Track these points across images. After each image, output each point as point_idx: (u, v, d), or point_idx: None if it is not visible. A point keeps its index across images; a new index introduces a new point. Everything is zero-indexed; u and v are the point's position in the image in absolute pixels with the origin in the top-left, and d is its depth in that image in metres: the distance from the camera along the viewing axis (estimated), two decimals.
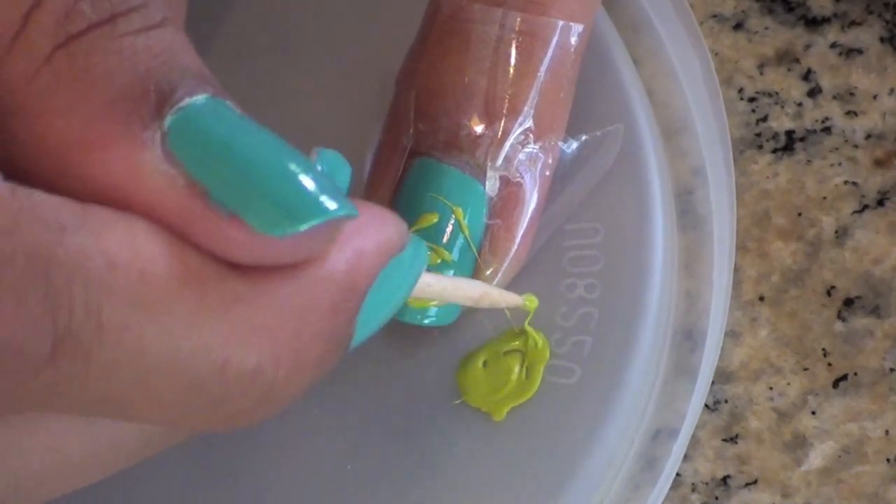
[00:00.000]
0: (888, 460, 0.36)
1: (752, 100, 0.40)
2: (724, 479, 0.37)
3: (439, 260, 0.32)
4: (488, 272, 0.32)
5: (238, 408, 0.23)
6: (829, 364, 0.37)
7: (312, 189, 0.22)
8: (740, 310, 0.38)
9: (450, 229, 0.32)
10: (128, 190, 0.22)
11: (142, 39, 0.22)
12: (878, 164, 0.39)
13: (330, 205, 0.22)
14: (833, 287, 0.38)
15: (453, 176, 0.32)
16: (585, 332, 0.33)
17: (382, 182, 0.33)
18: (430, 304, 0.32)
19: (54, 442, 0.22)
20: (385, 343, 0.33)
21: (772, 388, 0.37)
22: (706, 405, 0.37)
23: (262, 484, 0.33)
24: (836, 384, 0.37)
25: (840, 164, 0.39)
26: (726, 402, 0.37)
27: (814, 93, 0.40)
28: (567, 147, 0.33)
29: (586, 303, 0.33)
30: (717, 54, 0.40)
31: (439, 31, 0.32)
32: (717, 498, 0.37)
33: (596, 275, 0.33)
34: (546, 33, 0.32)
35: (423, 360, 0.33)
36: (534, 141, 0.32)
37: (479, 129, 0.32)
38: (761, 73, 0.40)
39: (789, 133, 0.39)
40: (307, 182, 0.22)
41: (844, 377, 0.37)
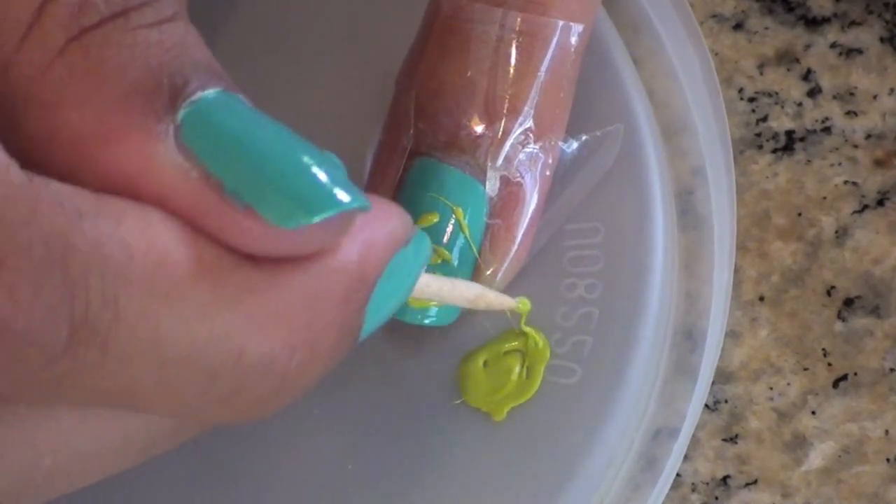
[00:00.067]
0: (888, 460, 0.36)
1: (752, 100, 0.40)
2: (724, 479, 0.37)
3: (440, 260, 0.32)
4: (488, 272, 0.32)
5: (252, 398, 0.23)
6: (829, 364, 0.37)
7: (326, 181, 0.22)
8: (740, 310, 0.38)
9: (450, 229, 0.32)
10: (141, 182, 0.22)
11: (154, 33, 0.22)
12: (878, 164, 0.39)
13: (343, 197, 0.22)
14: (833, 287, 0.38)
15: (453, 176, 0.32)
16: (586, 332, 0.33)
17: (383, 182, 0.33)
18: (430, 304, 0.32)
19: (65, 438, 0.22)
20: (385, 343, 0.33)
21: (772, 388, 0.37)
22: (706, 405, 0.37)
23: (262, 484, 0.33)
24: (836, 384, 0.37)
25: (840, 164, 0.39)
26: (726, 402, 0.37)
27: (814, 93, 0.40)
28: (567, 147, 0.33)
29: (586, 303, 0.33)
30: (717, 54, 0.40)
31: (439, 31, 0.32)
32: (717, 498, 0.37)
33: (596, 275, 0.33)
34: (546, 33, 0.32)
35: (423, 360, 0.33)
36: (534, 141, 0.32)
37: (480, 128, 0.32)
38: (761, 73, 0.40)
39: (789, 133, 0.39)
40: (320, 174, 0.22)
41: (844, 377, 0.37)
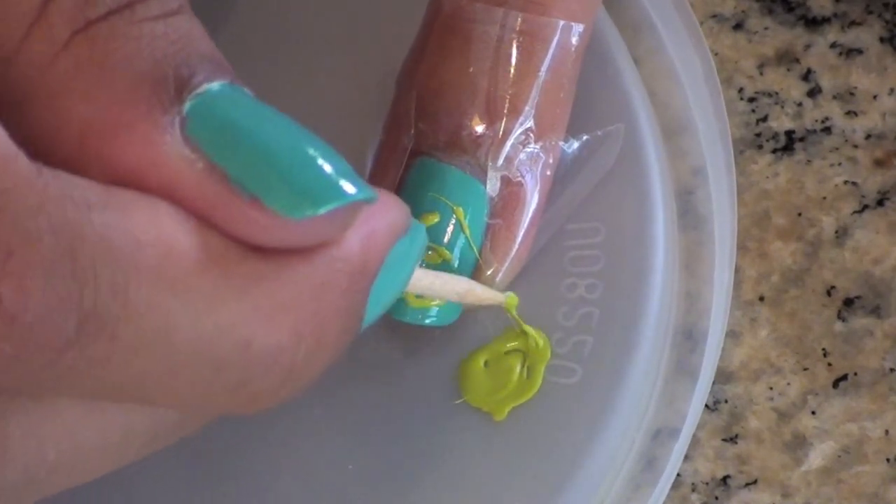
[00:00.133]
0: (888, 460, 0.37)
1: (751, 100, 0.40)
2: (724, 479, 0.37)
3: (440, 259, 0.32)
4: (489, 272, 0.32)
5: (258, 389, 0.23)
6: (829, 364, 0.37)
7: (332, 173, 0.22)
8: (740, 310, 0.38)
9: (451, 229, 0.32)
10: (148, 174, 0.22)
11: (160, 26, 0.22)
12: (878, 164, 0.39)
13: (349, 188, 0.22)
14: (833, 287, 0.38)
15: (454, 176, 0.32)
16: (586, 331, 0.33)
17: (383, 182, 0.33)
18: (430, 304, 0.32)
19: (69, 432, 0.22)
20: (386, 343, 0.33)
21: (772, 388, 0.37)
22: (706, 405, 0.37)
23: (262, 484, 0.33)
24: (836, 384, 0.37)
25: (840, 164, 0.39)
26: (726, 402, 0.37)
27: (814, 93, 0.40)
28: (568, 147, 0.33)
29: (587, 303, 0.33)
30: (717, 54, 0.40)
31: (440, 31, 0.32)
32: (717, 498, 0.37)
33: (597, 274, 0.33)
34: (547, 33, 0.32)
35: (423, 360, 0.33)
36: (535, 141, 0.32)
37: (480, 128, 0.32)
38: (761, 73, 0.40)
39: (789, 133, 0.39)
40: (326, 166, 0.22)
41: (844, 377, 0.37)
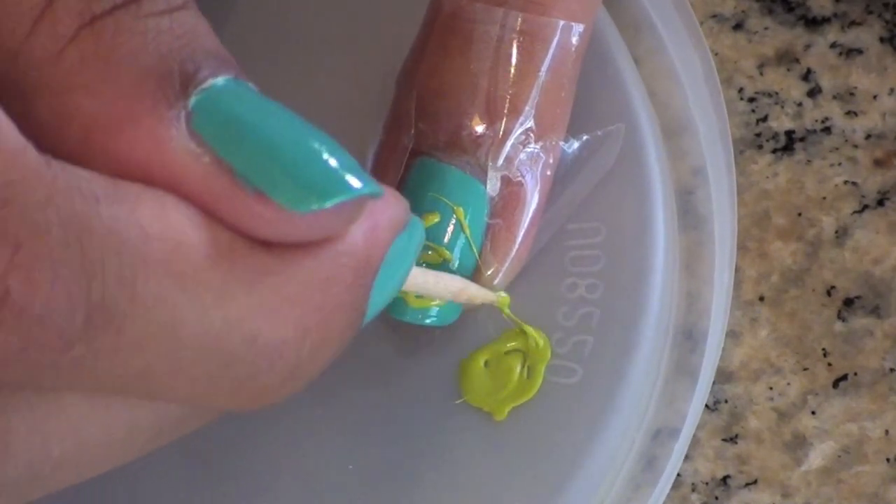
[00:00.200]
0: (888, 460, 0.37)
1: (751, 100, 0.40)
2: (724, 479, 0.37)
3: (440, 259, 0.32)
4: (489, 272, 0.32)
5: (265, 382, 0.23)
6: (829, 364, 0.37)
7: (336, 167, 0.22)
8: (740, 310, 0.38)
9: (451, 229, 0.32)
10: (153, 168, 0.22)
11: (165, 21, 0.22)
12: (878, 164, 0.39)
13: (355, 182, 0.22)
14: (833, 287, 0.38)
15: (454, 176, 0.32)
16: (587, 331, 0.33)
17: (383, 182, 0.32)
18: (431, 304, 0.32)
19: (74, 427, 0.22)
20: (386, 343, 0.33)
21: (772, 388, 0.37)
22: (706, 405, 0.37)
23: (262, 484, 0.33)
24: (836, 384, 0.37)
25: (840, 164, 0.39)
26: (726, 402, 0.37)
27: (814, 93, 0.40)
28: (568, 147, 0.33)
29: (587, 303, 0.33)
30: (717, 54, 0.40)
31: (440, 31, 0.32)
32: (717, 498, 0.37)
33: (597, 274, 0.33)
34: (547, 33, 0.32)
35: (424, 360, 0.33)
36: (535, 140, 0.32)
37: (481, 128, 0.32)
38: (761, 73, 0.40)
39: (789, 133, 0.39)
40: (331, 160, 0.22)
41: (844, 377, 0.37)
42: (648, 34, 0.36)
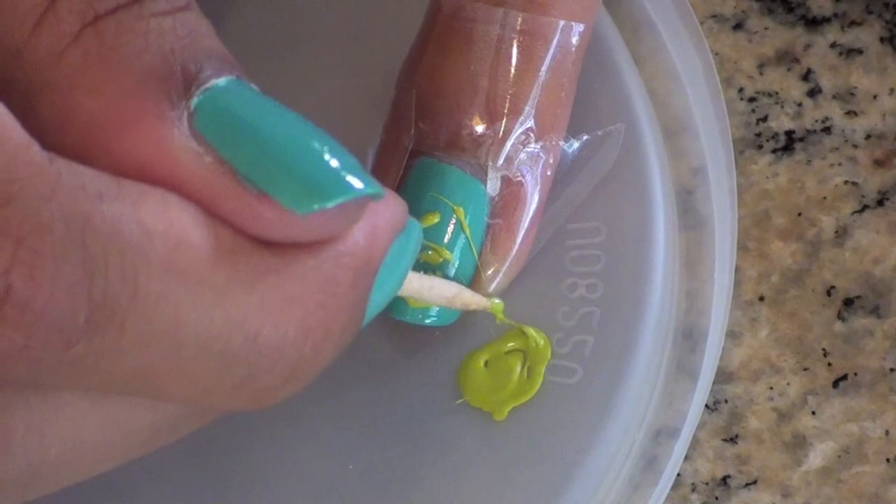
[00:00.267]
0: (888, 460, 0.37)
1: (751, 100, 0.40)
2: (724, 479, 0.37)
3: (441, 259, 0.32)
4: (489, 272, 0.32)
5: (266, 382, 0.23)
6: (829, 364, 0.37)
7: (338, 167, 0.22)
8: (740, 310, 0.38)
9: (451, 229, 0.32)
10: (155, 167, 0.22)
11: (168, 21, 0.22)
12: (878, 164, 0.39)
13: (356, 183, 0.22)
14: (833, 287, 0.38)
15: (454, 175, 0.32)
16: (587, 331, 0.33)
17: (384, 182, 0.32)
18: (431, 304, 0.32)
19: (72, 427, 0.22)
20: (385, 343, 0.33)
21: (772, 388, 0.37)
22: (706, 405, 0.37)
23: (262, 484, 0.33)
24: (836, 384, 0.37)
25: (840, 164, 0.39)
26: (726, 402, 0.37)
27: (814, 93, 0.40)
28: (568, 146, 0.33)
29: (588, 302, 0.33)
30: (717, 54, 0.40)
31: (440, 31, 0.32)
32: (717, 498, 0.37)
33: (597, 274, 0.33)
34: (547, 33, 0.32)
35: (424, 360, 0.33)
36: (535, 140, 0.32)
37: (481, 128, 0.32)
38: (761, 73, 0.40)
39: (789, 133, 0.39)
40: (333, 161, 0.22)
41: (844, 377, 0.37)
42: (648, 34, 0.36)
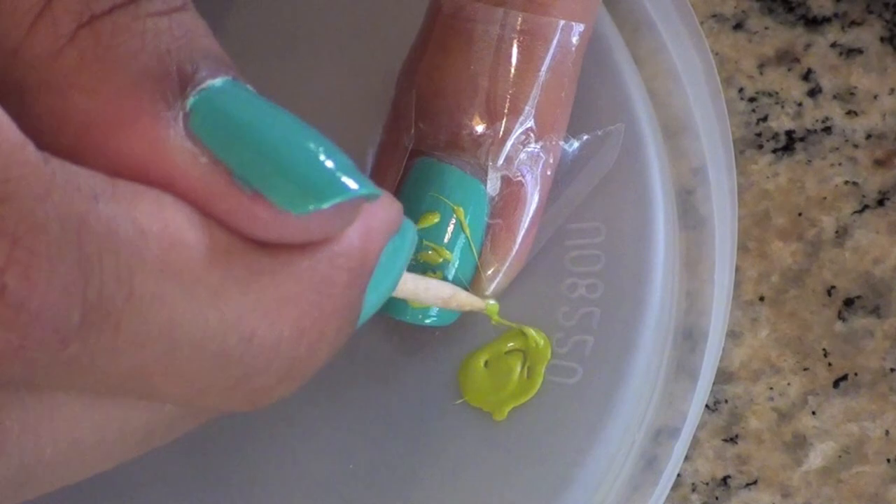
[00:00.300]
0: (888, 460, 0.37)
1: (752, 100, 0.40)
2: (724, 479, 0.37)
3: (440, 259, 0.32)
4: (489, 272, 0.32)
5: (261, 383, 0.23)
6: (829, 364, 0.37)
7: (333, 168, 0.22)
8: (740, 310, 0.38)
9: (451, 229, 0.32)
10: (151, 167, 0.22)
11: (164, 21, 0.22)
12: (878, 164, 0.39)
13: (351, 184, 0.22)
14: (833, 287, 0.38)
15: (454, 175, 0.32)
16: (587, 331, 0.33)
17: (383, 182, 0.33)
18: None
19: (67, 428, 0.22)
20: (386, 343, 0.33)
21: (772, 388, 0.37)
22: (706, 405, 0.37)
23: (262, 484, 0.33)
24: (836, 384, 0.37)
25: (840, 164, 0.39)
26: (726, 402, 0.37)
27: (814, 93, 0.40)
28: (568, 146, 0.33)
29: (588, 302, 0.33)
30: (717, 54, 0.40)
31: (440, 31, 0.32)
32: (717, 498, 0.37)
33: (597, 274, 0.33)
34: (547, 33, 0.32)
35: (423, 360, 0.33)
36: (535, 140, 0.32)
37: (481, 128, 0.32)
38: (761, 73, 0.40)
39: (789, 133, 0.39)
40: (328, 162, 0.22)
41: (844, 377, 0.37)
42: (648, 34, 0.36)
